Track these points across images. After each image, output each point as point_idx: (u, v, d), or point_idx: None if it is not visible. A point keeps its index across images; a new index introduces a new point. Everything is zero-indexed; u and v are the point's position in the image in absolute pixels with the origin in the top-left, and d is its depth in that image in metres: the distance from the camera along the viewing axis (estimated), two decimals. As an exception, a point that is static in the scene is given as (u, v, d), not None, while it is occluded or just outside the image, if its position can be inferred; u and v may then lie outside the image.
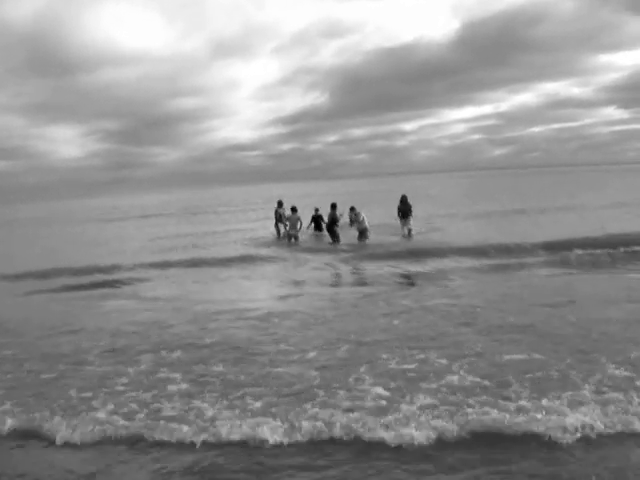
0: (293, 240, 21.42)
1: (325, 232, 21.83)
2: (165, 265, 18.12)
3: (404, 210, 22.08)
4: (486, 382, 6.62)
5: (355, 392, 6.55)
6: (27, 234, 35.98)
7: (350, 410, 6.06)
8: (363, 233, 20.71)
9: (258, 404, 6.36)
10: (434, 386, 6.61)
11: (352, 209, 21.26)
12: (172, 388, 7.03)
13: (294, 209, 21.58)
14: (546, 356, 7.41)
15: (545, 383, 6.51)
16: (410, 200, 22.30)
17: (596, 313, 9.56)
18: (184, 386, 7.10)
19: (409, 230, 22.11)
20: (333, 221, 20.94)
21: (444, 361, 7.42)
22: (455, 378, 6.80)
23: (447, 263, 16.06)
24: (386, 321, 9.75)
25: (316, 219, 22.91)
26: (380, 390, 6.54)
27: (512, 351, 7.70)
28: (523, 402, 5.99)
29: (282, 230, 22.50)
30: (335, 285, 14.79)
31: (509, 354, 7.58)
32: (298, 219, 21.60)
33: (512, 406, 5.90)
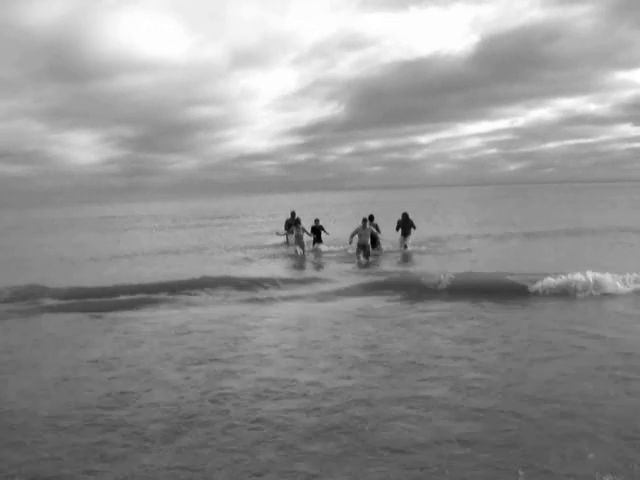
0: (300, 252, 21.56)
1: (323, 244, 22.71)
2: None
3: (404, 227, 21.82)
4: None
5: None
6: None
7: None
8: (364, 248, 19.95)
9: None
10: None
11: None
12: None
13: (298, 220, 22.25)
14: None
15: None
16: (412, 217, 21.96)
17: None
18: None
19: (405, 245, 21.67)
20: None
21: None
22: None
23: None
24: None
25: (316, 230, 22.78)
26: None
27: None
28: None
29: (286, 239, 23.69)
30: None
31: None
32: (303, 230, 22.01)
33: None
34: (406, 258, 20.44)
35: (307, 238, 22.21)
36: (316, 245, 22.44)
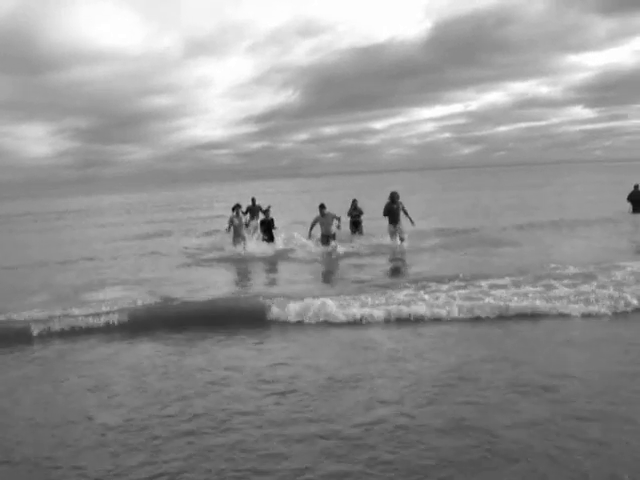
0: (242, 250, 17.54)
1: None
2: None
3: (394, 212, 17.13)
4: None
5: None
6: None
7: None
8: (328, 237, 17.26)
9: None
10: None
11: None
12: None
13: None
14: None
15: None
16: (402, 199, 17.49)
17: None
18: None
19: (401, 239, 17.08)
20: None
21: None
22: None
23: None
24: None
25: (266, 224, 19.18)
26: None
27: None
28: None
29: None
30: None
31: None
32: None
33: None
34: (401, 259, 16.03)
35: (252, 223, 19.19)
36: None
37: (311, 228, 17.41)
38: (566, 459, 4.81)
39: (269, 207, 19.64)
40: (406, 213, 17.43)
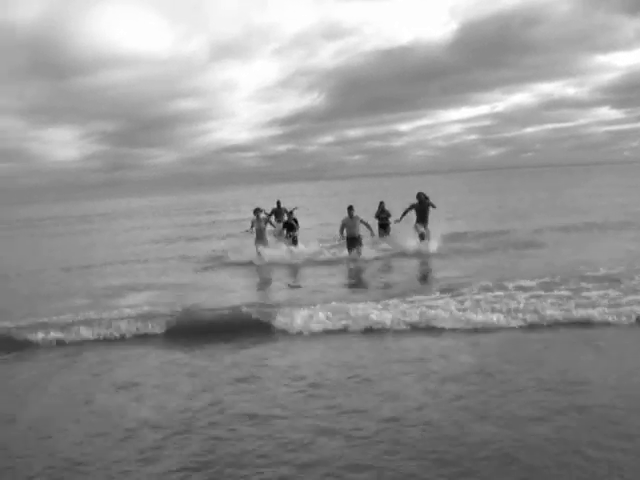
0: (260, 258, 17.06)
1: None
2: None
3: (422, 210, 16.82)
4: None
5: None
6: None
7: None
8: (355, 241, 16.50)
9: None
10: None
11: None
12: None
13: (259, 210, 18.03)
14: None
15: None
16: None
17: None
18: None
19: (423, 234, 16.67)
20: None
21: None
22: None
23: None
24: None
25: (289, 224, 18.83)
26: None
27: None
28: None
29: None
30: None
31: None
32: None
33: None
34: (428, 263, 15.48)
35: (278, 225, 18.65)
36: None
37: (341, 231, 16.65)
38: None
39: (294, 209, 19.44)
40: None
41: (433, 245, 16.57)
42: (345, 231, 16.58)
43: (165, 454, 5.39)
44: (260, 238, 17.42)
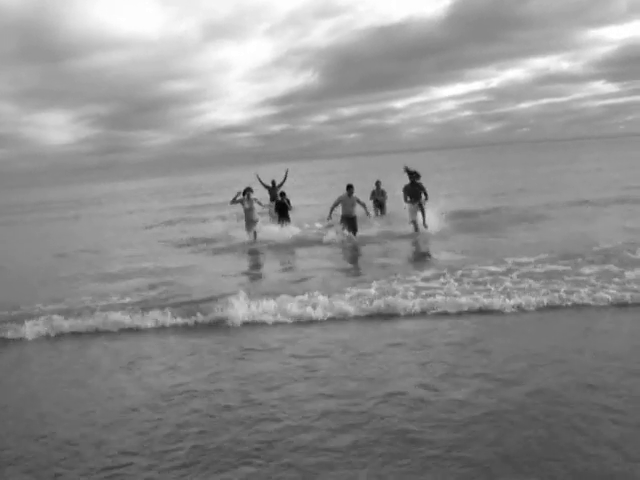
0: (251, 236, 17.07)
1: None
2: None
3: (413, 192, 16.05)
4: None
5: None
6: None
7: None
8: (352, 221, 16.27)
9: None
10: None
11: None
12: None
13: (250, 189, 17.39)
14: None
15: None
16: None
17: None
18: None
19: (423, 219, 16.04)
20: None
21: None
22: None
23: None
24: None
25: (282, 205, 18.60)
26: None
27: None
28: None
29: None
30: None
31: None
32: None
33: None
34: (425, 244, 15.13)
35: (258, 208, 17.67)
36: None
37: (332, 208, 16.17)
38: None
39: (285, 178, 20.75)
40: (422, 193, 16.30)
41: (432, 224, 16.12)
42: (341, 209, 16.17)
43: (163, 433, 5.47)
44: (250, 219, 17.09)
